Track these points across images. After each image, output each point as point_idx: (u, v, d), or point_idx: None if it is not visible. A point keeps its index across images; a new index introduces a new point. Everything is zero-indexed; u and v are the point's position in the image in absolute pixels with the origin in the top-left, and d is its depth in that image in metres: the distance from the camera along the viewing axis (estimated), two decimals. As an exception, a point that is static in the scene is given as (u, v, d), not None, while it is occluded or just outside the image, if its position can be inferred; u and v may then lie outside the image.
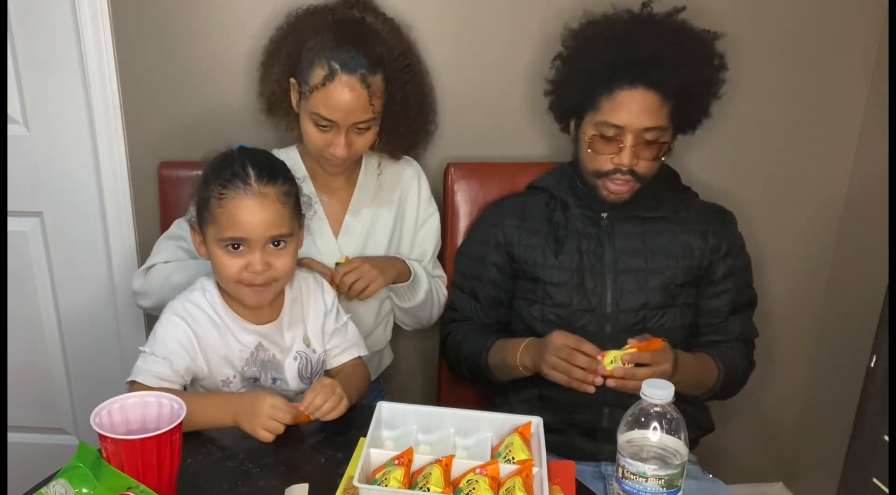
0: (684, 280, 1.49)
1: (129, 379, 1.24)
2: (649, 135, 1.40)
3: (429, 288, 1.63)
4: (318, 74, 1.41)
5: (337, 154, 1.45)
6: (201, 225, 1.26)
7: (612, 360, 1.28)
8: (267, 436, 1.17)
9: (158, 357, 1.24)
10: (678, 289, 1.49)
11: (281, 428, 1.17)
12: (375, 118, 1.47)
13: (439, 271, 1.72)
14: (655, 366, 1.27)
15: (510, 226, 1.55)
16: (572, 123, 1.52)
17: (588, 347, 1.30)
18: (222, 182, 1.20)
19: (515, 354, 1.44)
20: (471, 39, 1.75)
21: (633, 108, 1.39)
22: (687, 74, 1.41)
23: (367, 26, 1.52)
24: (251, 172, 1.20)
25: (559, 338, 1.33)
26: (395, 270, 1.57)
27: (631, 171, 1.42)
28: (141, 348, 1.27)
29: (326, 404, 1.20)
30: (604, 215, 1.51)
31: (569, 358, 1.30)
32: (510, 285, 1.57)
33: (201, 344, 1.27)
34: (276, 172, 1.24)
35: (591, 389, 1.30)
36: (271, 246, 1.23)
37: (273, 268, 1.24)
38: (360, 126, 1.45)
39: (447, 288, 1.70)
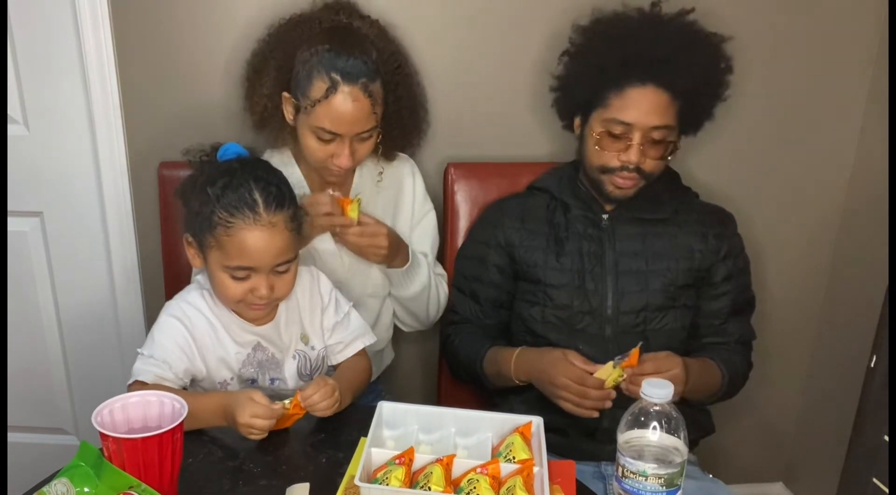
0: (685, 282, 1.49)
1: (129, 381, 1.23)
2: (657, 134, 1.40)
3: (427, 282, 1.61)
4: (318, 88, 1.39)
5: (342, 165, 1.44)
6: (201, 243, 1.24)
7: (615, 379, 1.31)
8: (256, 439, 1.17)
9: (157, 360, 1.23)
10: (679, 290, 1.49)
11: (263, 433, 1.16)
12: (377, 125, 1.46)
13: (440, 270, 1.71)
14: (666, 371, 1.28)
15: (511, 227, 1.55)
16: (577, 120, 1.52)
17: (592, 382, 1.31)
18: (229, 209, 1.18)
19: (509, 366, 1.44)
20: (471, 39, 1.75)
21: (642, 106, 1.39)
22: (697, 75, 1.41)
23: (357, 31, 1.50)
24: (259, 199, 1.19)
25: (564, 375, 1.33)
26: (401, 256, 1.56)
27: (637, 169, 1.42)
28: (139, 350, 1.26)
29: (323, 402, 1.20)
30: (604, 217, 1.51)
31: (579, 394, 1.32)
32: (511, 286, 1.57)
33: (199, 345, 1.27)
34: (283, 197, 1.22)
35: (596, 414, 1.34)
36: (276, 270, 1.23)
37: (276, 290, 1.24)
38: (363, 135, 1.45)
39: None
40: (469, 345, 1.55)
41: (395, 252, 1.53)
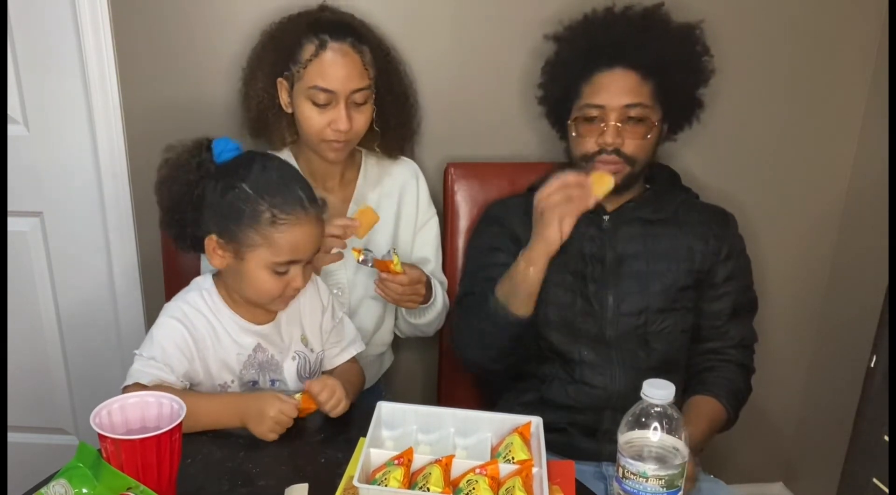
0: (685, 283, 1.49)
1: (125, 384, 1.22)
2: (633, 113, 1.41)
3: (442, 309, 1.62)
4: (308, 49, 1.43)
5: (340, 127, 1.44)
6: (240, 243, 1.20)
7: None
8: (274, 437, 1.19)
9: (158, 362, 1.23)
10: (679, 292, 1.48)
11: (283, 430, 1.19)
12: (371, 88, 1.47)
13: (441, 277, 1.70)
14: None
15: (516, 222, 1.54)
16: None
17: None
18: (282, 206, 1.19)
19: (517, 265, 1.41)
20: (470, 38, 1.75)
21: (612, 89, 1.41)
22: (662, 51, 1.43)
23: (343, 21, 1.53)
24: (302, 195, 1.22)
25: (549, 195, 1.34)
26: (428, 292, 1.56)
27: (618, 152, 1.42)
28: (136, 352, 1.25)
29: (330, 401, 1.23)
30: (605, 218, 1.51)
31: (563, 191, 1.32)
32: None
33: (199, 347, 1.26)
34: (313, 192, 1.25)
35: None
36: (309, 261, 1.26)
37: (306, 280, 1.27)
38: (358, 97, 1.45)
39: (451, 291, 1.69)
40: (474, 303, 1.50)
41: (426, 290, 1.54)
